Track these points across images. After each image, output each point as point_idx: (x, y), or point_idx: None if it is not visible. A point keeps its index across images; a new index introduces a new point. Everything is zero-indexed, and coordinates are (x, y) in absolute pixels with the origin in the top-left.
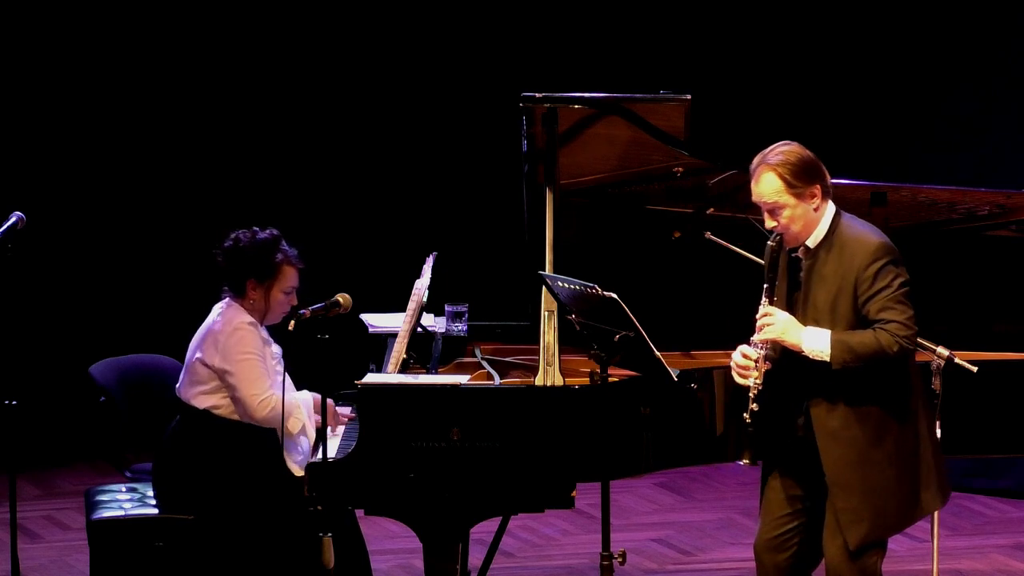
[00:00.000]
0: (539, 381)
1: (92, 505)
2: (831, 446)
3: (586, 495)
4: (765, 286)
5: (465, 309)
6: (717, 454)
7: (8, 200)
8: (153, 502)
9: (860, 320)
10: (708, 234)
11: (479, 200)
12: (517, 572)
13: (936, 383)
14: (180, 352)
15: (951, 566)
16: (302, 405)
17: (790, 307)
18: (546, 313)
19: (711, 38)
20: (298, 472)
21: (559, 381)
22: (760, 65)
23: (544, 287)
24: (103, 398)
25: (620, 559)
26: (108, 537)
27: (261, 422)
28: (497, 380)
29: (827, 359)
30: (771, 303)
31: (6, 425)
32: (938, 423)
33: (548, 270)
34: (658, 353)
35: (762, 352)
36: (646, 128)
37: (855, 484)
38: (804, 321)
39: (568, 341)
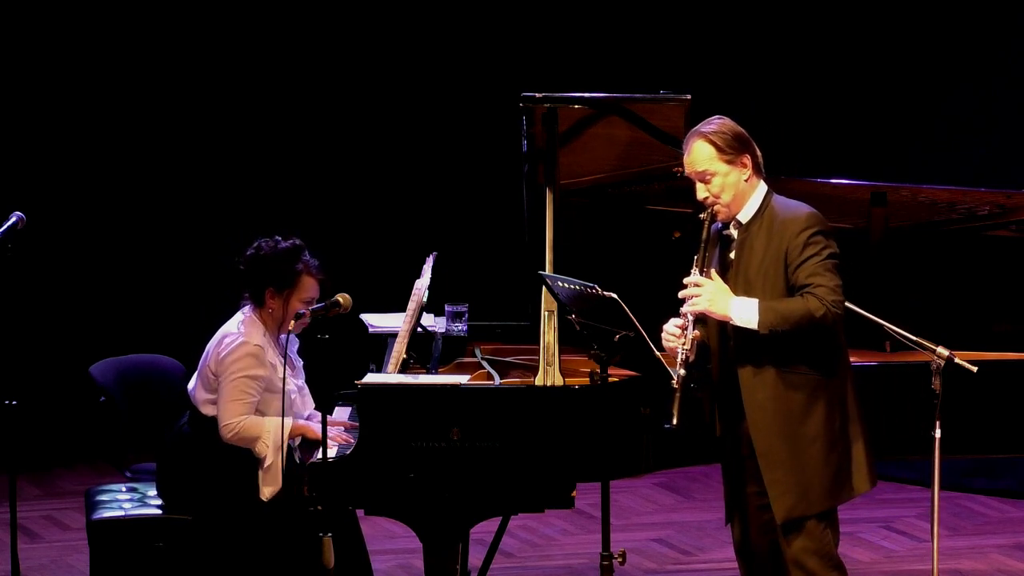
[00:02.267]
0: (539, 381)
1: (92, 505)
2: (759, 417)
3: (586, 495)
4: (695, 257)
5: (465, 309)
6: (717, 454)
7: (8, 200)
8: (153, 502)
9: (791, 292)
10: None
11: (479, 200)
12: (517, 572)
13: (936, 383)
14: (180, 352)
15: (951, 566)
16: (272, 432)
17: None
18: (546, 313)
19: (711, 38)
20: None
21: (559, 381)
22: (760, 65)
23: (544, 287)
24: (103, 398)
25: (620, 559)
26: (108, 537)
27: (227, 441)
28: (497, 380)
29: (755, 326)
30: (701, 275)
31: (6, 425)
32: (938, 423)
33: (548, 270)
34: (658, 353)
35: (691, 320)
36: (646, 128)
37: (783, 456)
38: (737, 295)
39: (568, 341)
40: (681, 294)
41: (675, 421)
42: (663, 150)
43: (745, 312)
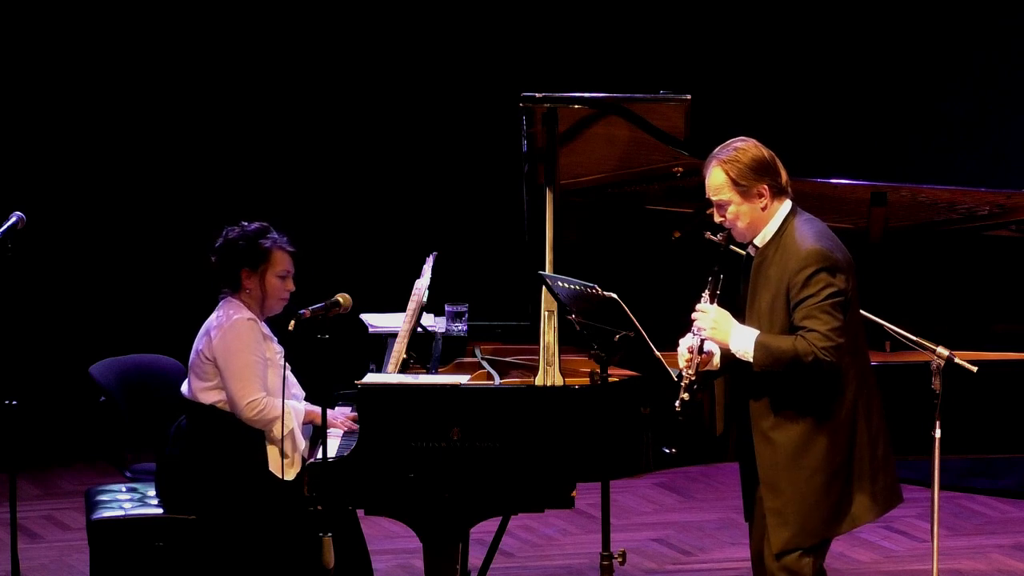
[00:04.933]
0: (539, 381)
1: (92, 505)
2: (763, 446)
3: (586, 495)
4: (709, 279)
5: (465, 309)
6: (717, 454)
7: (8, 200)
8: (153, 502)
9: (793, 328)
10: (708, 234)
11: (479, 200)
12: (517, 572)
13: (936, 383)
14: (180, 352)
15: (951, 566)
16: (293, 413)
17: (742, 306)
18: (546, 313)
19: (711, 38)
20: (278, 473)
21: (559, 381)
22: (760, 65)
23: (544, 287)
24: (103, 398)
25: (620, 559)
26: (108, 537)
27: (247, 422)
28: (497, 380)
29: (751, 360)
30: (713, 299)
31: (6, 425)
32: (938, 423)
33: (548, 270)
34: (658, 353)
35: (698, 345)
36: (646, 128)
37: (782, 487)
38: (749, 321)
39: (568, 341)
40: (693, 316)
41: (674, 449)
42: (663, 150)
43: (743, 345)
